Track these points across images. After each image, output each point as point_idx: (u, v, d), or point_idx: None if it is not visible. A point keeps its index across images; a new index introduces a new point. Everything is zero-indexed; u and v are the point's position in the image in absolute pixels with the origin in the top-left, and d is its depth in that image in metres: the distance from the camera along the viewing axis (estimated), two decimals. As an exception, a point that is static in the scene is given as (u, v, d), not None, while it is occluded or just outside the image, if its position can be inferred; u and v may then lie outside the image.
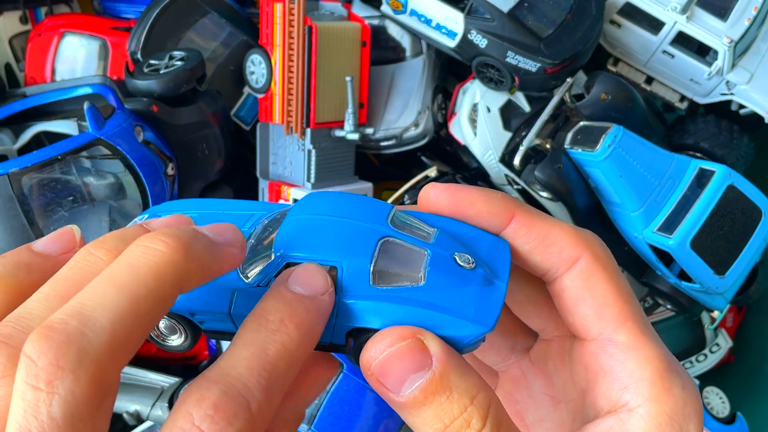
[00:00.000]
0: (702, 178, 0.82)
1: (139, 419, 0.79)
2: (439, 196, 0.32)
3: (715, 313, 0.97)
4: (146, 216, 0.34)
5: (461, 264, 0.29)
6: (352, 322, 0.29)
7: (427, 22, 0.91)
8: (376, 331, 0.28)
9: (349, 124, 0.92)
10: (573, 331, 0.31)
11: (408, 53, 1.00)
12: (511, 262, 0.31)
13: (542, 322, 0.34)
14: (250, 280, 0.30)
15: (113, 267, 0.24)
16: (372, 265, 0.28)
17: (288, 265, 0.29)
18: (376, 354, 0.27)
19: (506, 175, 0.93)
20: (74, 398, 0.22)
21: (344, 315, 0.29)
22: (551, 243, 0.30)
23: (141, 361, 0.86)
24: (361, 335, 0.29)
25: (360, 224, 0.30)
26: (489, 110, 0.93)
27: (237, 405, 0.23)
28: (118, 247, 0.26)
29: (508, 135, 0.93)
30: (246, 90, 0.97)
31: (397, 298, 0.28)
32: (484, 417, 0.26)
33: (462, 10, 0.87)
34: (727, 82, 0.90)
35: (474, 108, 0.94)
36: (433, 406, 0.26)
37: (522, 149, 0.88)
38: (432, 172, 0.94)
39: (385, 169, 1.10)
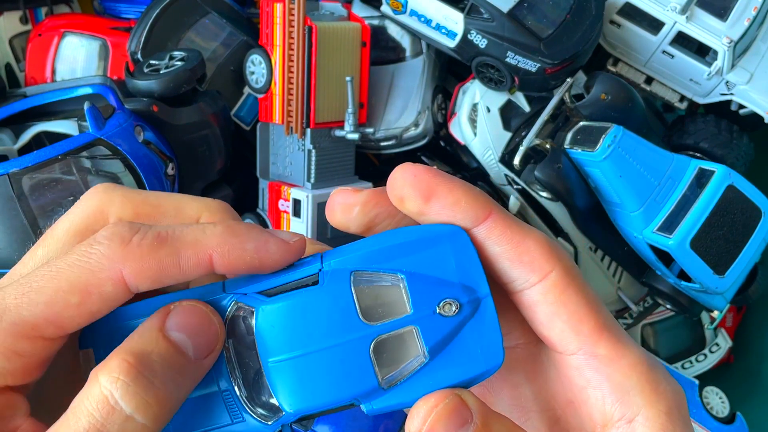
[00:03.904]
0: (702, 178, 0.82)
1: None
2: (413, 179, 0.30)
3: (715, 313, 0.97)
4: None
5: (446, 314, 0.29)
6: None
7: (427, 22, 0.91)
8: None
9: (349, 124, 0.92)
10: (550, 345, 0.30)
11: (408, 53, 1.00)
12: (477, 255, 0.29)
13: (505, 329, 0.33)
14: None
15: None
16: (377, 374, 0.29)
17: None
18: (419, 425, 0.28)
19: (506, 175, 0.93)
20: None
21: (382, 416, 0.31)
22: (524, 251, 0.29)
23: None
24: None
25: (343, 341, 0.29)
26: (489, 110, 0.93)
27: None
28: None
29: (508, 135, 0.93)
30: (246, 90, 0.97)
31: (414, 386, 0.29)
32: None
33: (462, 10, 0.87)
34: (727, 82, 0.90)
35: (474, 108, 0.94)
36: None
37: (522, 149, 0.88)
38: (432, 172, 0.94)
39: (385, 169, 1.10)
